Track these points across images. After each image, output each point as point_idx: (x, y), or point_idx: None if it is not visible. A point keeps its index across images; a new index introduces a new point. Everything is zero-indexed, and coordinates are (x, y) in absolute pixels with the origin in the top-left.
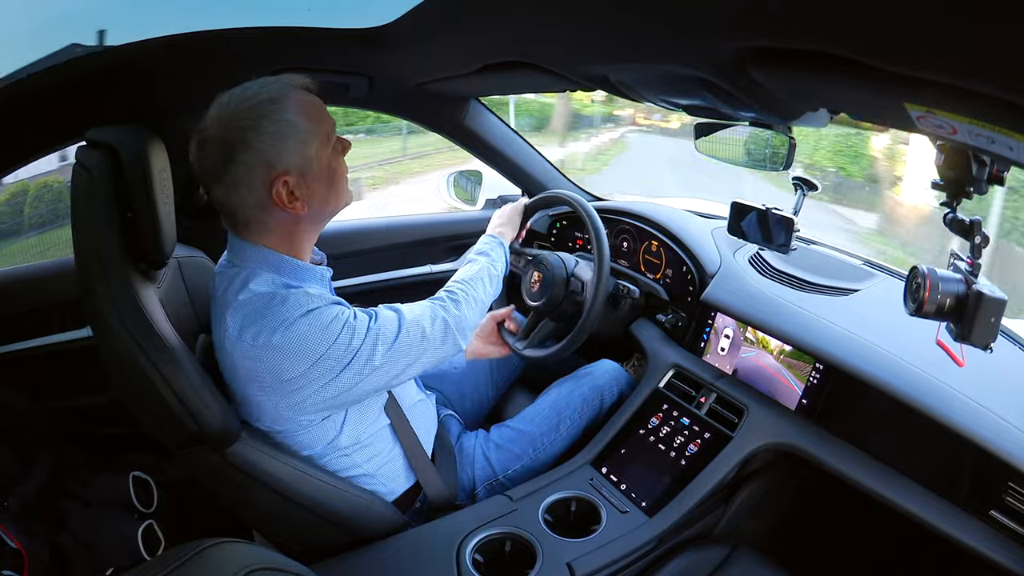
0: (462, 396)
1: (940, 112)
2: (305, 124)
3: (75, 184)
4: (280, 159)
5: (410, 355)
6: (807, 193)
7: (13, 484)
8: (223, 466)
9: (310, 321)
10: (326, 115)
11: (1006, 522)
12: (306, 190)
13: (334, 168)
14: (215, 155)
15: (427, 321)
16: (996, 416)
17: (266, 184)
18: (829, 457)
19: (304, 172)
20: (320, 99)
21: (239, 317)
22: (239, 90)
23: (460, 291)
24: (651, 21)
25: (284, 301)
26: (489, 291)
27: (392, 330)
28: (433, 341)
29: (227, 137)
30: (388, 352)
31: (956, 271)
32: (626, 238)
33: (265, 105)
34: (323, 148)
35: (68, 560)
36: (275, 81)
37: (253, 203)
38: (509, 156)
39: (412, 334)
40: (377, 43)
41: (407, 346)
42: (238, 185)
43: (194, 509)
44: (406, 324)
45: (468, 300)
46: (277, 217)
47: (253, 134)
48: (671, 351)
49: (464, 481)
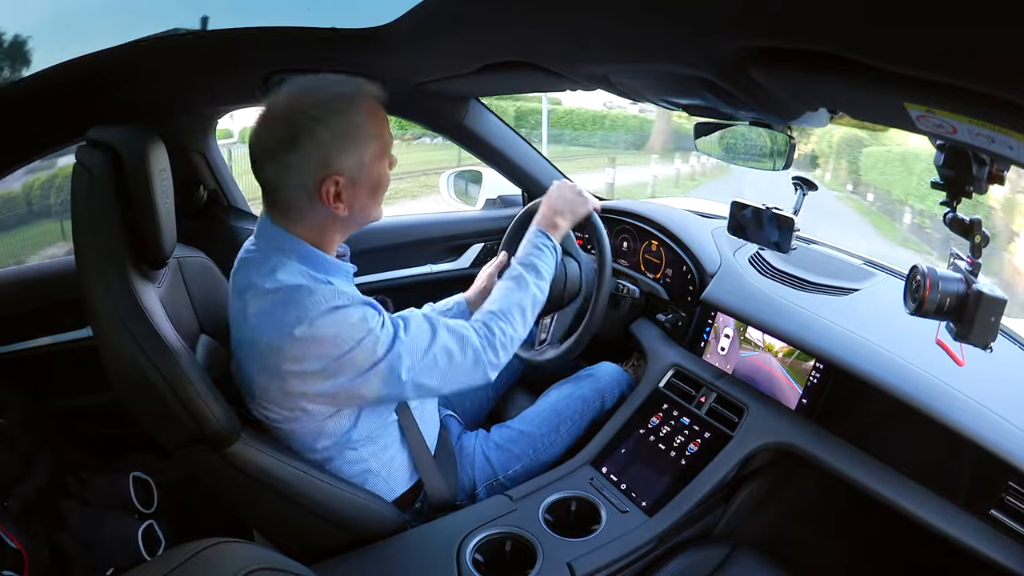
0: (462, 396)
1: (940, 112)
2: (369, 131)
3: (75, 184)
4: (338, 159)
5: (434, 377)
6: (807, 193)
7: (13, 484)
8: (223, 466)
9: (336, 318)
10: (387, 128)
11: (1006, 521)
12: (352, 194)
13: (381, 180)
14: (278, 135)
15: (457, 346)
16: (996, 415)
17: (317, 178)
18: (829, 456)
19: (355, 177)
20: (384, 111)
21: (265, 304)
22: (313, 79)
23: (498, 329)
24: (651, 21)
25: (311, 293)
26: (529, 320)
27: (422, 345)
28: (462, 367)
29: (295, 120)
30: (412, 369)
31: (956, 270)
32: (626, 238)
33: (338, 101)
34: (378, 159)
35: (68, 560)
36: (350, 81)
37: (300, 191)
38: (509, 156)
39: (440, 356)
40: (377, 43)
41: (432, 366)
42: (290, 170)
43: (194, 509)
44: (437, 344)
45: (505, 341)
46: (318, 211)
47: (321, 126)
48: (671, 351)
49: (464, 481)
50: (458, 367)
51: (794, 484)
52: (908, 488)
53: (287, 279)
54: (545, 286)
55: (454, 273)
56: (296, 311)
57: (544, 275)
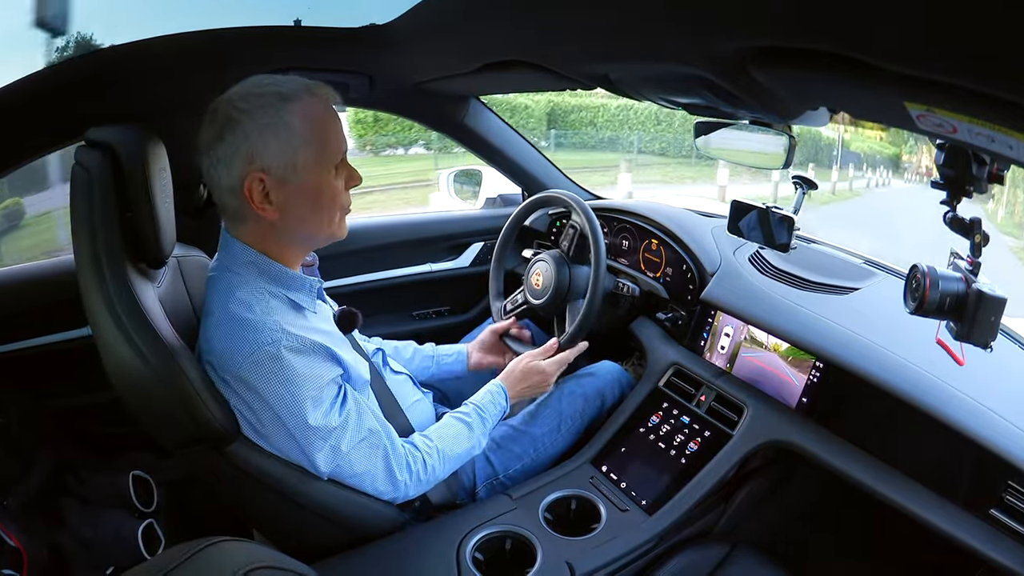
0: (462, 395)
1: (940, 111)
2: (301, 131)
3: (74, 184)
4: (262, 155)
5: (367, 464)
6: (807, 192)
7: (13, 483)
8: (223, 465)
9: (279, 366)
10: (335, 135)
11: (1006, 521)
12: (282, 197)
13: (323, 189)
14: (211, 127)
15: (383, 451)
16: (996, 415)
17: (242, 174)
18: (829, 455)
19: (285, 179)
20: (337, 118)
21: (215, 335)
22: (264, 77)
23: (431, 467)
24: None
25: (258, 330)
26: (467, 448)
27: (362, 429)
28: (386, 472)
29: (225, 113)
30: (352, 446)
31: (956, 270)
32: (626, 236)
33: (270, 97)
34: (316, 164)
35: (68, 559)
36: (297, 82)
37: (227, 187)
38: (509, 155)
39: (376, 446)
40: (377, 42)
41: (367, 454)
42: (219, 165)
43: (194, 509)
44: (378, 435)
45: (429, 479)
46: (248, 215)
47: (246, 117)
48: (671, 349)
49: (464, 480)
50: (385, 472)
51: (794, 483)
52: (908, 487)
53: (234, 308)
54: (484, 441)
55: (454, 272)
56: (241, 348)
57: (487, 431)
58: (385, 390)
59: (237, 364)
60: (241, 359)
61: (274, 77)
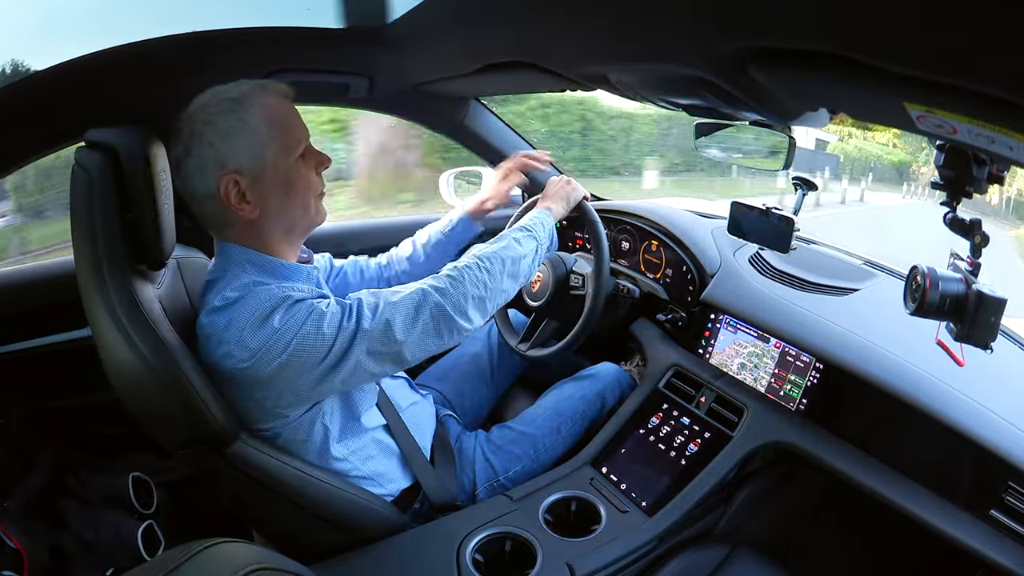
0: (461, 396)
1: (940, 112)
2: (263, 128)
3: (74, 185)
4: (232, 157)
5: (393, 347)
6: (807, 193)
7: (13, 484)
8: (223, 467)
9: (281, 316)
10: (294, 125)
11: (1006, 521)
12: (258, 194)
13: (294, 178)
14: (177, 146)
15: (413, 308)
16: (996, 415)
17: (216, 181)
18: (829, 456)
19: (257, 175)
20: (294, 108)
21: (216, 320)
22: (216, 88)
23: (469, 275)
24: (651, 21)
25: (254, 297)
26: (519, 270)
27: (378, 326)
28: (423, 330)
29: (188, 128)
30: (369, 349)
31: (956, 271)
32: (626, 238)
33: (227, 103)
34: (283, 156)
35: (68, 560)
36: (247, 83)
37: (204, 195)
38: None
39: (396, 325)
40: (377, 43)
41: (390, 340)
42: (193, 178)
43: (193, 509)
44: (390, 314)
45: (470, 278)
46: (231, 217)
47: (209, 129)
48: (671, 351)
49: (464, 482)
50: (418, 331)
51: (794, 484)
52: (908, 488)
53: (231, 293)
54: (533, 245)
55: None
56: (243, 318)
57: (536, 235)
58: (380, 394)
59: (241, 328)
60: (244, 321)
61: (225, 86)
